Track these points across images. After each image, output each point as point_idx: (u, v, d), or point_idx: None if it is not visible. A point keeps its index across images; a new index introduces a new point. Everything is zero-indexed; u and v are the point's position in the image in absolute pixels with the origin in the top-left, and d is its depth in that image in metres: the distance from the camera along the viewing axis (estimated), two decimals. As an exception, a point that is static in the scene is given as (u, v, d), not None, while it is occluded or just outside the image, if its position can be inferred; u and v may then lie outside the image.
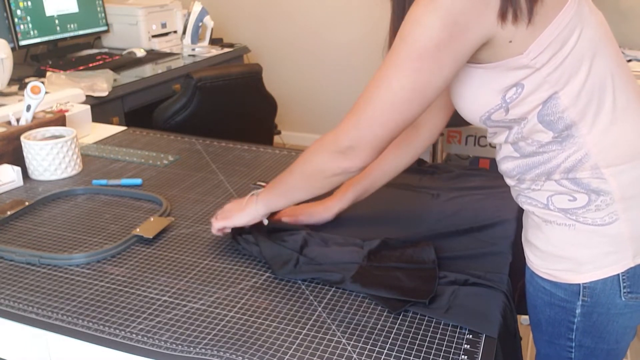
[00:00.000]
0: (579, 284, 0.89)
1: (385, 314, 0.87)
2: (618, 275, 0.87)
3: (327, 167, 0.92)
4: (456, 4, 0.77)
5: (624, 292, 0.88)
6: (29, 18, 2.49)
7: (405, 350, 0.80)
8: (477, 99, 0.87)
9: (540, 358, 1.03)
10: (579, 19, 0.81)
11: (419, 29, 0.79)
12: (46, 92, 1.43)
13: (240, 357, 0.78)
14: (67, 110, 1.56)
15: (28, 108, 1.41)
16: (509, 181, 0.96)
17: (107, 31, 2.93)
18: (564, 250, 0.89)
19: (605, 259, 0.87)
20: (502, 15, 0.77)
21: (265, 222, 1.06)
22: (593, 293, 0.89)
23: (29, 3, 2.48)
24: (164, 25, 3.00)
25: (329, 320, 0.86)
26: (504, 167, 0.94)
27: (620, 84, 0.85)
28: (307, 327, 0.84)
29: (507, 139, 0.90)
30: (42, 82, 1.51)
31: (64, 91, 1.75)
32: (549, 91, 0.82)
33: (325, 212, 1.13)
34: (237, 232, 1.06)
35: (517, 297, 1.11)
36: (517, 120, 0.87)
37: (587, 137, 0.84)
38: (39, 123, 1.41)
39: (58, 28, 2.63)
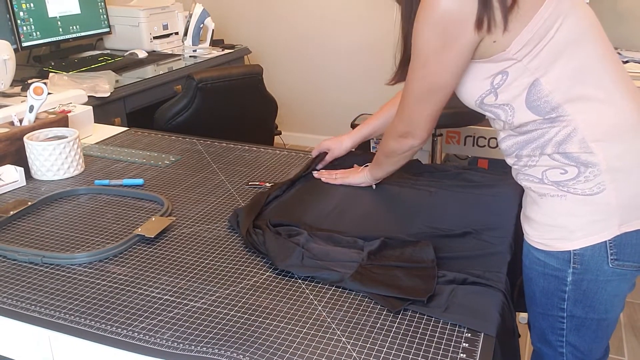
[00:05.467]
0: (570, 251, 0.96)
1: (384, 312, 0.88)
2: (605, 242, 0.94)
3: (396, 147, 1.14)
4: (445, 16, 0.90)
5: (611, 259, 0.94)
6: (31, 19, 2.50)
7: (404, 348, 0.80)
8: (471, 86, 1.00)
9: (535, 333, 1.09)
10: (559, 13, 0.90)
11: (419, 41, 0.96)
12: (49, 93, 1.44)
13: (241, 355, 0.78)
14: (69, 111, 1.57)
15: (31, 109, 1.42)
16: (508, 160, 1.05)
17: (109, 33, 2.94)
18: (556, 220, 0.96)
19: (594, 226, 0.94)
20: (478, 26, 0.90)
21: (374, 187, 1.31)
22: (583, 260, 0.95)
23: (32, 5, 2.49)
24: (165, 27, 3.01)
25: (329, 319, 0.87)
26: (504, 145, 1.04)
27: (607, 69, 0.93)
28: (308, 325, 0.85)
29: (504, 127, 1.01)
30: (45, 83, 1.52)
31: (67, 92, 1.76)
32: (531, 77, 0.93)
33: (340, 146, 1.41)
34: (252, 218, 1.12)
35: (516, 295, 1.12)
36: (505, 107, 0.96)
37: (575, 115, 0.93)
38: (41, 124, 1.42)
39: (60, 29, 2.64)
